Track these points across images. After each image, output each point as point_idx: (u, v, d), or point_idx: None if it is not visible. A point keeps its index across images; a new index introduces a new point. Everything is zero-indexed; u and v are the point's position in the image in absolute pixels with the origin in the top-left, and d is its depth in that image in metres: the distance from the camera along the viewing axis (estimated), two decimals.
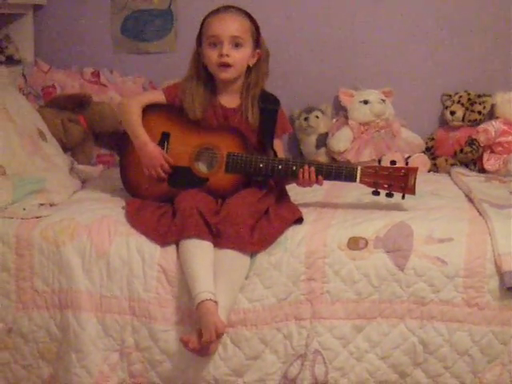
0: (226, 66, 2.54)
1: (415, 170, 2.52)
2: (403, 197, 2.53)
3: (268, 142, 2.60)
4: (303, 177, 2.50)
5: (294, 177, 2.53)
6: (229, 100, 2.63)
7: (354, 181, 2.52)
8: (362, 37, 3.52)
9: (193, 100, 2.60)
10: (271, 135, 2.62)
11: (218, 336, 2.27)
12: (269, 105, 2.63)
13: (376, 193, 2.53)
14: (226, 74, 2.57)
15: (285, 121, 2.73)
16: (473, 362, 2.36)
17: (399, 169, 2.52)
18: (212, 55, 2.55)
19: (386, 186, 2.51)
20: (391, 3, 3.50)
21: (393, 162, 2.54)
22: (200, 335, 2.29)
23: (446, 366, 2.37)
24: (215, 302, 2.28)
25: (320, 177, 2.51)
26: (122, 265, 2.44)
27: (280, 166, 2.52)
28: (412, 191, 2.51)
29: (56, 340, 2.47)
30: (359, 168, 2.52)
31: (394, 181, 2.51)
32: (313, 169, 2.50)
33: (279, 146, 2.68)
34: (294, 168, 2.51)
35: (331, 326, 2.39)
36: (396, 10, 3.50)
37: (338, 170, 2.52)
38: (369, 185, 2.52)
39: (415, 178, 2.50)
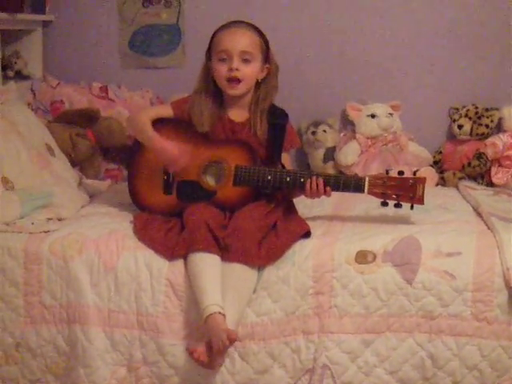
0: (235, 80, 2.55)
1: (423, 179, 2.51)
2: (412, 207, 2.51)
3: (276, 155, 2.60)
4: (311, 188, 2.50)
5: (301, 189, 2.52)
6: (237, 114, 2.64)
7: (362, 192, 2.50)
8: (369, 51, 3.53)
9: (201, 113, 2.60)
10: (279, 149, 2.62)
11: (231, 342, 2.25)
12: (277, 119, 2.63)
13: (384, 203, 2.52)
14: (235, 91, 2.57)
15: (293, 135, 2.73)
16: (482, 376, 2.35)
17: (407, 179, 2.50)
18: (221, 69, 2.56)
19: (394, 196, 2.50)
20: (399, 17, 3.51)
21: (401, 173, 2.52)
22: (208, 348, 2.28)
23: (455, 380, 2.36)
24: (223, 315, 2.28)
25: (328, 188, 2.50)
26: (130, 279, 2.44)
27: (288, 178, 2.52)
28: (421, 201, 2.50)
29: (64, 355, 2.47)
30: (367, 179, 2.50)
31: (403, 191, 2.49)
32: (321, 180, 2.49)
33: (287, 160, 2.68)
34: (302, 180, 2.51)
35: (339, 340, 2.38)
36: (404, 25, 3.51)
37: (346, 181, 2.51)
38: (377, 196, 2.51)
39: (423, 188, 2.49)
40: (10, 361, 2.50)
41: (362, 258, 2.41)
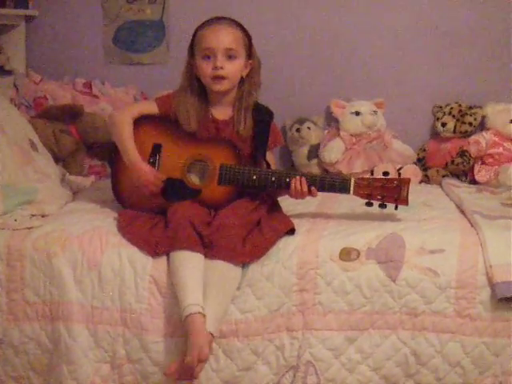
0: (220, 78, 2.54)
1: (408, 180, 2.53)
2: (396, 207, 2.53)
3: (261, 153, 2.60)
4: (296, 188, 2.50)
5: (287, 188, 2.52)
6: (221, 112, 2.63)
7: (348, 193, 2.52)
8: (353, 48, 3.54)
9: (187, 112, 2.59)
10: (264, 147, 2.62)
11: (200, 361, 2.25)
12: (263, 116, 2.63)
13: (369, 204, 2.53)
14: (219, 87, 2.56)
15: (277, 133, 2.73)
16: (464, 373, 2.37)
17: (392, 180, 2.52)
18: (206, 68, 2.55)
19: (379, 197, 2.52)
20: (383, 15, 3.52)
21: (385, 174, 2.54)
22: (185, 354, 2.27)
23: (438, 377, 2.37)
24: (203, 314, 2.27)
25: (313, 188, 2.50)
26: (114, 276, 2.43)
27: (273, 178, 2.52)
28: (405, 202, 2.52)
29: (47, 352, 2.46)
30: (353, 180, 2.52)
31: (387, 192, 2.51)
32: (305, 180, 2.50)
33: (271, 159, 2.68)
34: (287, 180, 2.51)
35: (323, 337, 2.39)
36: (388, 23, 3.52)
37: (332, 182, 2.52)
38: (362, 196, 2.52)
39: (408, 189, 2.51)
40: None
41: (346, 255, 2.42)
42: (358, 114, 3.44)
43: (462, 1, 3.48)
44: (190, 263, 2.35)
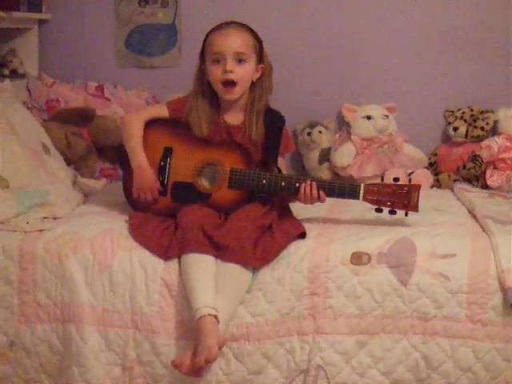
0: (231, 83, 2.54)
1: (418, 187, 2.52)
2: (406, 214, 2.53)
3: (273, 158, 2.60)
4: (305, 193, 2.49)
5: (296, 193, 2.52)
6: (233, 117, 2.63)
7: (357, 198, 2.51)
8: (365, 53, 3.54)
9: (199, 117, 2.59)
10: (276, 153, 2.62)
11: (207, 362, 2.25)
12: (274, 121, 2.62)
13: (379, 210, 2.52)
14: (231, 96, 2.56)
15: (288, 139, 2.73)
16: (476, 378, 2.36)
17: (402, 186, 2.51)
18: (216, 72, 2.55)
19: (388, 203, 2.51)
20: (395, 20, 3.52)
21: (396, 179, 2.53)
22: (194, 354, 2.27)
23: (449, 382, 2.37)
24: (215, 316, 2.27)
25: (322, 194, 2.50)
26: (125, 279, 2.44)
27: (283, 183, 2.52)
28: (415, 208, 2.51)
29: (58, 354, 2.46)
30: (362, 185, 2.51)
31: (397, 198, 2.50)
32: (315, 185, 2.50)
33: (282, 165, 2.68)
34: (297, 185, 2.51)
35: (334, 341, 2.38)
36: (400, 27, 3.52)
37: (341, 188, 2.52)
38: (372, 202, 2.52)
39: (418, 195, 2.50)
40: (4, 360, 2.49)
41: (357, 259, 2.42)
42: (369, 118, 3.44)
43: (474, 5, 3.47)
44: (201, 266, 2.35)
